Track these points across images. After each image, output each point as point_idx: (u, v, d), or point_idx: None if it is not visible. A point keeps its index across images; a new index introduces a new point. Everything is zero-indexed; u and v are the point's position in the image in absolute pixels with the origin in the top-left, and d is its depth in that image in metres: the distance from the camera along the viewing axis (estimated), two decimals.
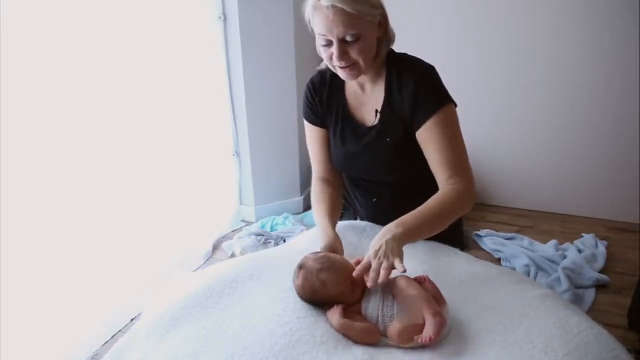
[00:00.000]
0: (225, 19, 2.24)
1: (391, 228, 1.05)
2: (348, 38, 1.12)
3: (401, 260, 0.98)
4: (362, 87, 1.29)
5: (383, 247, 1.00)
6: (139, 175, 1.87)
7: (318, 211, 1.29)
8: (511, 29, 2.40)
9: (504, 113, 2.55)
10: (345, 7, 1.08)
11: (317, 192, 1.35)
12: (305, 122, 1.40)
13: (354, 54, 1.14)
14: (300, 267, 1.02)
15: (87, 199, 1.63)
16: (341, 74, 1.20)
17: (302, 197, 2.68)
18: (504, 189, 2.70)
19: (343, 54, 1.13)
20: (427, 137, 1.19)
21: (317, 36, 1.16)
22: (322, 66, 1.29)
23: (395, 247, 1.00)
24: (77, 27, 1.52)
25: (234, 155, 2.49)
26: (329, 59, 1.17)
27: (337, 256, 1.05)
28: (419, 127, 1.19)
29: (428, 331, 0.86)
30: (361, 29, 1.12)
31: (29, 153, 1.42)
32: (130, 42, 1.73)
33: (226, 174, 2.48)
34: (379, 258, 0.98)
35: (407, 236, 1.05)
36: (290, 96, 2.45)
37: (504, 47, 2.44)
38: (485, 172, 2.69)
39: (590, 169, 2.49)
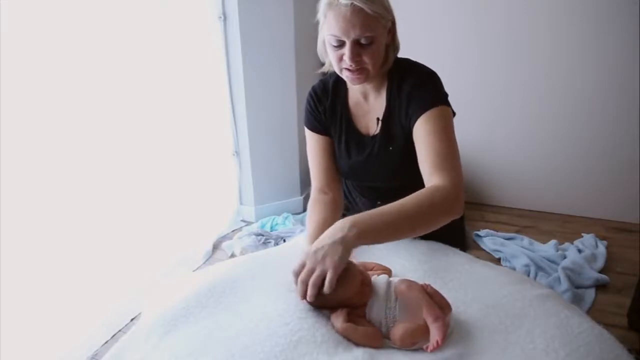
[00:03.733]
0: (225, 19, 2.24)
1: (345, 226, 0.93)
2: (362, 41, 1.10)
3: (336, 273, 0.88)
4: (365, 96, 1.27)
5: (324, 250, 0.90)
6: (139, 175, 1.87)
7: (308, 224, 1.24)
8: (511, 29, 2.40)
9: (504, 113, 2.56)
10: (365, 7, 1.06)
11: (313, 203, 1.29)
12: (308, 131, 1.36)
13: (365, 57, 1.12)
14: None
15: (87, 198, 1.63)
16: (348, 77, 1.18)
17: (302, 197, 2.68)
18: (503, 189, 2.70)
19: (355, 56, 1.11)
20: (417, 132, 1.16)
21: (327, 37, 1.13)
22: (325, 69, 1.27)
23: (337, 254, 0.89)
24: (77, 27, 1.52)
25: (234, 155, 2.49)
26: (338, 61, 1.15)
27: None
28: (412, 124, 1.17)
29: (434, 336, 0.86)
30: (376, 32, 1.10)
31: (29, 153, 1.42)
32: (130, 42, 1.73)
33: (226, 173, 2.48)
34: (312, 264, 0.89)
35: (362, 239, 0.93)
36: (290, 96, 2.45)
37: (504, 47, 2.44)
38: (485, 172, 2.69)
39: (590, 169, 2.49)
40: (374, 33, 1.10)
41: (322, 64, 1.29)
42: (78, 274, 1.62)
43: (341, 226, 0.93)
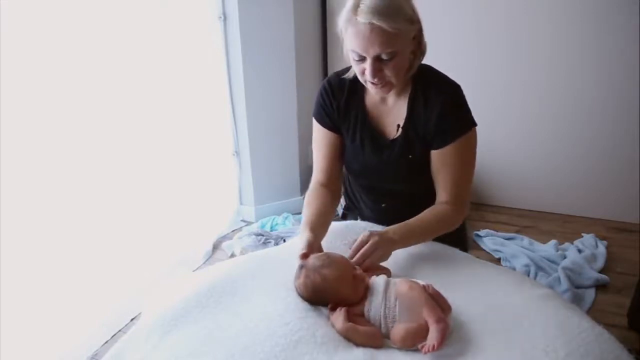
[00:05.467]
0: (225, 19, 2.24)
1: (390, 237, 1.10)
2: (384, 56, 1.08)
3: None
4: (383, 98, 1.25)
5: (379, 246, 1.06)
6: (139, 175, 1.87)
7: (305, 212, 1.24)
8: (511, 29, 2.40)
9: (504, 113, 2.55)
10: (384, 25, 1.03)
11: (311, 194, 1.30)
12: (315, 123, 1.34)
13: (388, 71, 1.10)
14: (301, 267, 1.02)
15: (87, 198, 1.63)
16: (372, 89, 1.17)
17: (302, 197, 2.68)
18: (503, 189, 2.69)
19: (377, 72, 1.10)
20: (442, 160, 1.20)
21: (348, 50, 1.12)
22: (350, 74, 1.25)
23: (386, 256, 1.09)
24: (77, 27, 1.52)
25: (234, 155, 2.49)
26: (361, 74, 1.14)
27: (337, 254, 1.05)
28: (437, 147, 1.20)
29: (432, 339, 0.86)
30: (398, 46, 1.07)
31: (29, 153, 1.42)
32: (130, 42, 1.73)
33: (226, 173, 2.48)
34: (373, 247, 1.05)
35: (400, 242, 1.12)
36: (290, 96, 2.45)
37: (504, 47, 2.44)
38: (485, 172, 2.69)
39: (590, 169, 2.49)
40: (395, 48, 1.07)
41: (324, 62, 1.28)
42: (78, 274, 1.62)
43: (389, 237, 1.10)
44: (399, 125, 1.24)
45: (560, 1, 2.29)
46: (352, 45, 1.09)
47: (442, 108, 1.17)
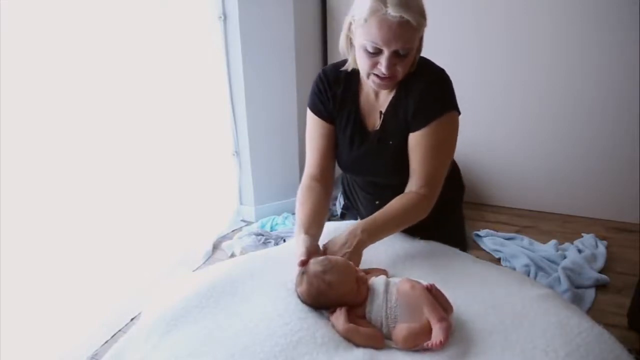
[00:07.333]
0: (225, 19, 2.24)
1: (357, 233, 1.12)
2: (401, 52, 1.09)
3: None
4: (376, 92, 1.25)
5: (347, 251, 1.08)
6: (139, 175, 1.87)
7: (300, 212, 1.23)
8: (511, 29, 2.40)
9: (504, 113, 2.56)
10: (411, 19, 1.04)
11: (304, 190, 1.28)
12: (310, 114, 1.31)
13: (399, 67, 1.11)
14: (303, 273, 1.00)
15: (87, 198, 1.63)
16: (375, 82, 1.16)
17: None
18: (503, 189, 2.70)
19: (392, 66, 1.10)
20: (418, 143, 1.19)
21: (362, 41, 1.10)
22: (348, 67, 1.24)
23: (355, 255, 1.08)
24: (77, 27, 1.52)
25: (233, 155, 2.49)
26: (371, 67, 1.13)
27: (338, 257, 1.05)
28: (414, 130, 1.19)
29: (437, 336, 0.86)
30: (414, 43, 1.10)
31: (29, 153, 1.42)
32: (130, 42, 1.73)
33: (226, 173, 2.48)
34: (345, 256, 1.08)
35: (370, 242, 1.13)
36: (290, 96, 2.45)
37: (504, 47, 2.44)
38: (485, 172, 2.69)
39: (590, 169, 2.49)
40: (413, 45, 1.10)
41: (324, 62, 1.28)
42: (78, 274, 1.62)
43: (355, 232, 1.12)
44: (380, 112, 1.24)
45: (560, 1, 2.29)
46: (373, 37, 1.07)
47: (421, 91, 1.17)
